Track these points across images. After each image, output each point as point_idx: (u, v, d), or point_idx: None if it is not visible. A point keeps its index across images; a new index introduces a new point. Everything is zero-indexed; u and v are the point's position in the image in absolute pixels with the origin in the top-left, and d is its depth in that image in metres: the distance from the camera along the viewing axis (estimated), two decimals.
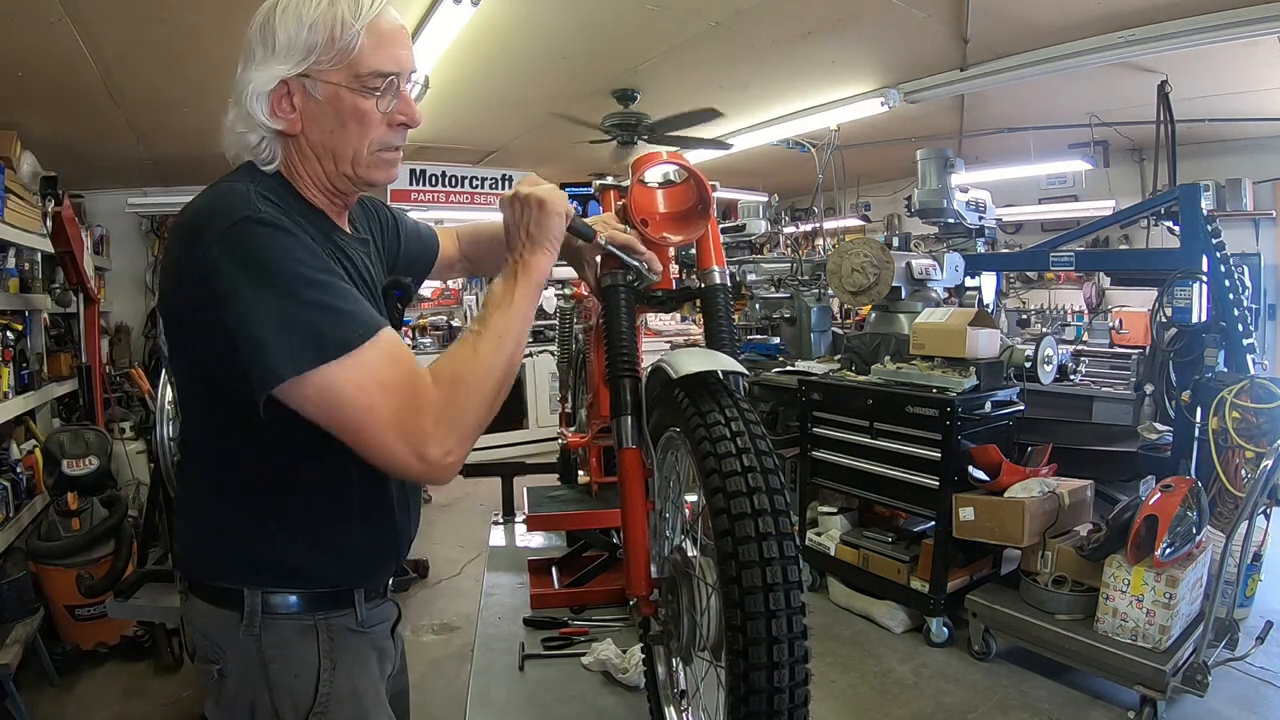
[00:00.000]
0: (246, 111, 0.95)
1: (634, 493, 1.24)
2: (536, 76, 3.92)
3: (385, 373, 0.86)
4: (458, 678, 2.66)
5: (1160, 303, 3.14)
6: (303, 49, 0.93)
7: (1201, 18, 2.98)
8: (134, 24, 2.88)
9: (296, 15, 0.93)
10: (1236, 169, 5.07)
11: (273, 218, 0.88)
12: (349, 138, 0.98)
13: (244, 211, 0.87)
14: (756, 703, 0.86)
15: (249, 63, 0.95)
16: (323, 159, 0.99)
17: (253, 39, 0.95)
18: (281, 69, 0.93)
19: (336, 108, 0.96)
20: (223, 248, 0.84)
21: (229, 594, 0.98)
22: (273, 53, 0.94)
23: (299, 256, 0.87)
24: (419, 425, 0.85)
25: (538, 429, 6.86)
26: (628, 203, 1.27)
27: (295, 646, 0.99)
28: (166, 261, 0.94)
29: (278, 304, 0.83)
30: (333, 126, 0.97)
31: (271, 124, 0.96)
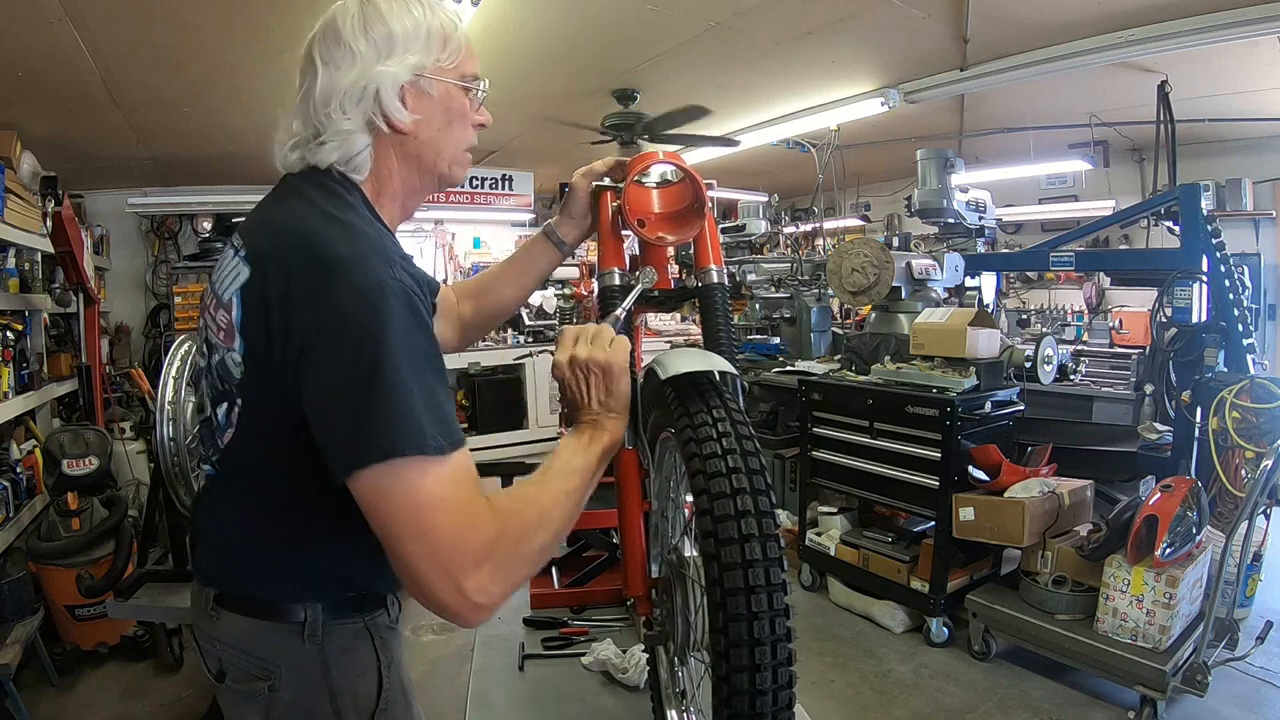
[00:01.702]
0: (375, 106, 0.92)
1: (630, 493, 1.24)
2: (536, 76, 3.92)
3: (451, 496, 0.80)
4: (458, 678, 2.66)
5: (1160, 303, 3.14)
6: (422, 46, 0.93)
7: (1201, 18, 2.98)
8: (134, 24, 2.88)
9: (405, 12, 0.92)
10: (1236, 169, 5.07)
11: (408, 287, 0.83)
12: (452, 136, 0.99)
13: (383, 274, 0.82)
14: (739, 704, 0.86)
15: (354, 58, 0.91)
16: (423, 158, 0.98)
17: (350, 32, 0.91)
18: (413, 61, 0.92)
19: (447, 106, 0.97)
20: (357, 305, 0.79)
21: (285, 608, 0.95)
22: (393, 46, 0.92)
23: (419, 344, 0.82)
24: (464, 558, 0.79)
25: (538, 429, 6.86)
26: (624, 203, 1.27)
27: (356, 650, 0.99)
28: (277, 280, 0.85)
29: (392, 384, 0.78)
30: (441, 125, 0.97)
31: (403, 117, 0.93)
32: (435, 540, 0.78)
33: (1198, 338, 2.97)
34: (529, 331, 7.35)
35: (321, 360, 0.80)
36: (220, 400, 0.94)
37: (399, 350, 0.79)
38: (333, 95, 0.91)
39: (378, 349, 0.78)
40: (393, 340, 0.79)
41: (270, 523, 0.96)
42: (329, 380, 0.80)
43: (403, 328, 0.80)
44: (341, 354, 0.79)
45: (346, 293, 0.80)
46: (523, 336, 7.34)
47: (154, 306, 6.25)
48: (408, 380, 0.79)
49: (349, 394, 0.79)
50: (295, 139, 0.95)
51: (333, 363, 0.79)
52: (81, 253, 3.62)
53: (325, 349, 0.80)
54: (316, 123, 0.93)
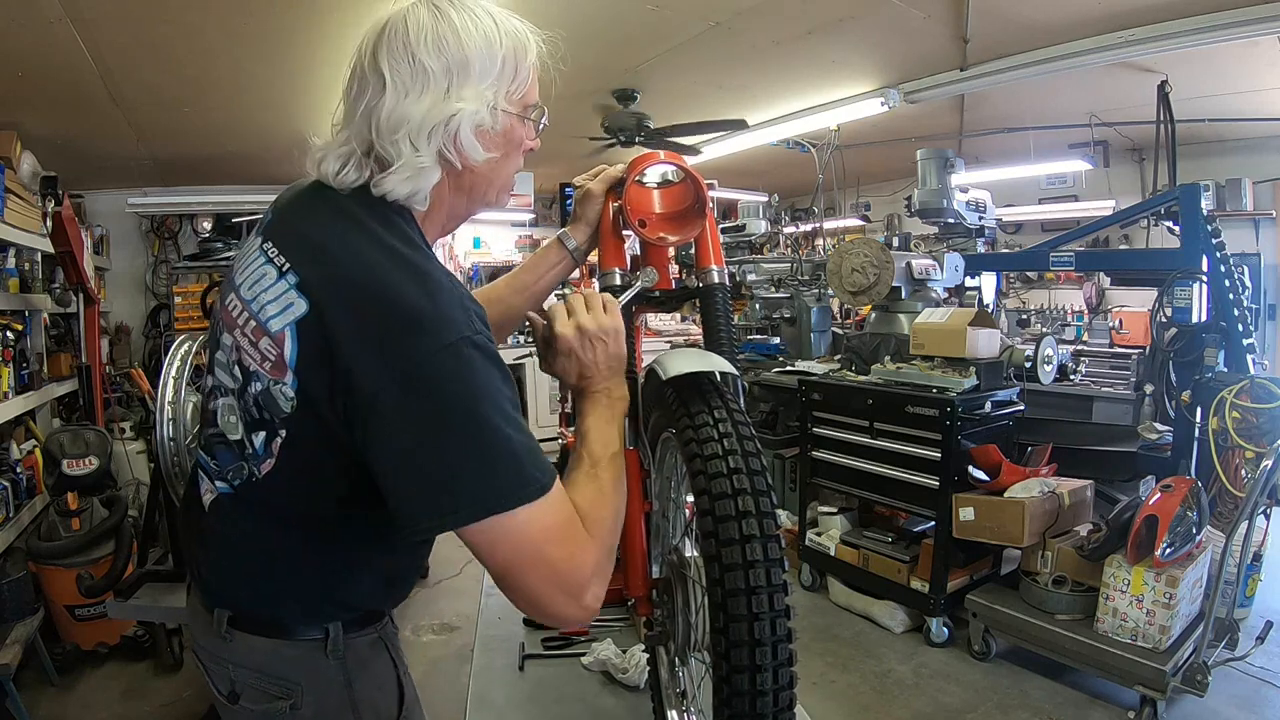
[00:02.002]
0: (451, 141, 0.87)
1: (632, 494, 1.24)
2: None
3: (556, 523, 0.82)
4: (458, 678, 2.65)
5: (1160, 303, 3.14)
6: (499, 70, 0.88)
7: (1201, 18, 2.98)
8: (134, 24, 2.87)
9: (482, 35, 0.87)
10: (1236, 169, 5.07)
11: (485, 340, 0.81)
12: (508, 167, 0.95)
13: (464, 330, 0.79)
14: (739, 705, 0.86)
15: (426, 85, 0.85)
16: (476, 189, 0.95)
17: (419, 53, 0.84)
18: (489, 97, 0.88)
19: (508, 138, 0.93)
20: (446, 364, 0.77)
21: (302, 627, 0.94)
22: (467, 74, 0.86)
23: (504, 390, 0.81)
24: (581, 576, 0.82)
25: (538, 429, 6.85)
26: (624, 203, 1.27)
27: (374, 661, 0.99)
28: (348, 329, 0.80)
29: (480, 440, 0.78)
30: (499, 159, 0.93)
31: (478, 155, 0.88)
32: (554, 569, 0.81)
33: (1198, 338, 2.97)
34: (529, 332, 7.35)
35: (408, 418, 0.77)
36: (258, 429, 0.88)
37: (491, 403, 0.79)
38: (403, 123, 0.85)
39: (476, 405, 0.78)
40: (486, 393, 0.79)
41: (295, 549, 0.93)
42: (411, 438, 0.77)
43: (488, 378, 0.80)
44: (436, 412, 0.77)
45: (433, 350, 0.77)
46: (523, 336, 7.34)
47: (154, 306, 6.25)
48: (505, 429, 0.79)
49: (450, 452, 0.77)
50: (348, 153, 0.88)
51: (426, 420, 0.77)
52: (81, 253, 3.62)
53: (414, 407, 0.77)
54: (380, 147, 0.86)
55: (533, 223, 7.85)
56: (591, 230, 1.33)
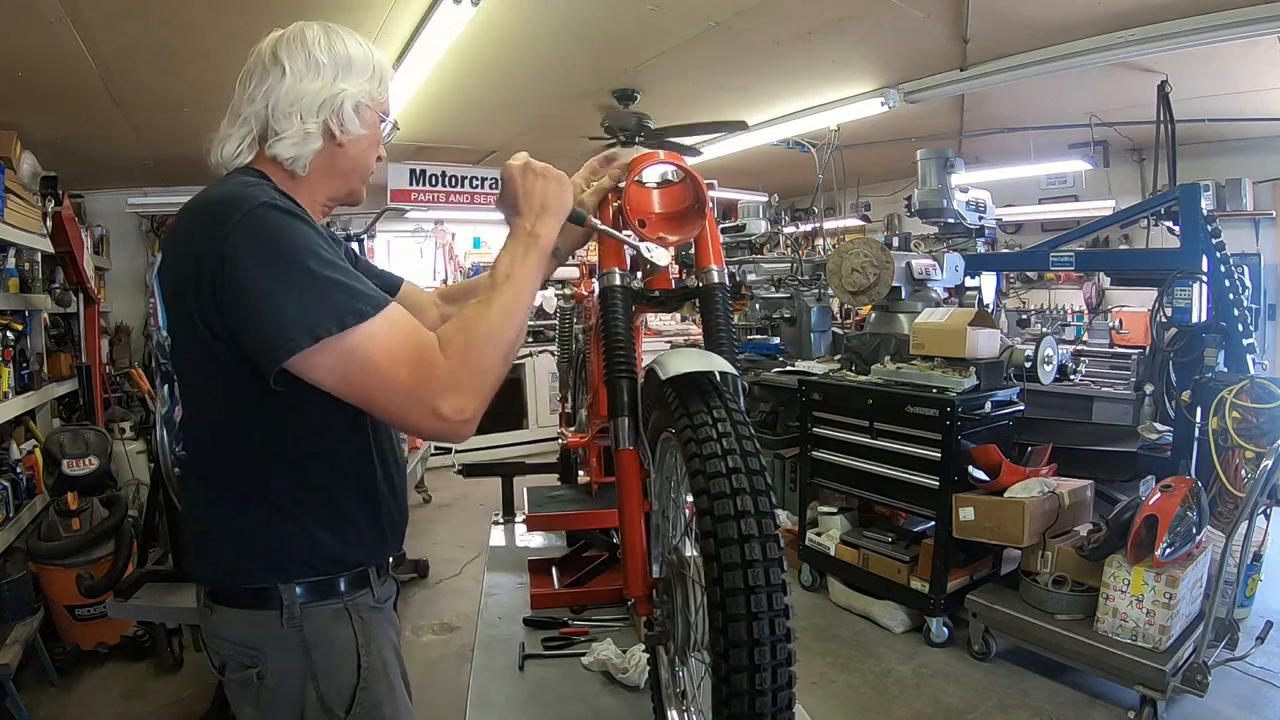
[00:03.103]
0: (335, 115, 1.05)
1: (631, 494, 1.24)
2: (536, 76, 3.92)
3: (398, 341, 0.91)
4: (458, 678, 2.65)
5: (1160, 303, 3.14)
6: (371, 74, 1.08)
7: (1201, 18, 2.98)
8: (134, 24, 2.87)
9: (360, 46, 1.08)
10: (1236, 169, 5.06)
11: (288, 205, 0.95)
12: (369, 159, 1.13)
13: (262, 199, 0.93)
14: (738, 705, 0.86)
15: (317, 72, 1.04)
16: (349, 174, 1.12)
17: (314, 50, 1.04)
18: (365, 85, 1.07)
19: (372, 131, 1.11)
20: (245, 230, 0.90)
21: (263, 594, 1.02)
22: (350, 69, 1.06)
23: (314, 238, 0.94)
24: (431, 388, 0.90)
25: (538, 429, 6.86)
26: (624, 203, 1.27)
27: (333, 630, 1.04)
28: (181, 250, 0.96)
29: (297, 279, 0.89)
30: (366, 145, 1.11)
31: (356, 130, 1.07)
32: (400, 384, 0.90)
33: (1198, 338, 2.97)
34: (529, 331, 7.35)
35: (240, 277, 0.89)
36: (165, 382, 1.07)
37: (300, 247, 0.91)
38: (298, 100, 1.03)
39: (287, 249, 0.91)
40: (293, 240, 0.91)
41: (231, 506, 1.02)
42: (255, 288, 0.89)
43: (292, 229, 0.92)
44: (257, 264, 0.89)
45: (240, 217, 0.91)
46: None
47: (151, 305, 6.25)
48: (318, 267, 0.90)
49: (279, 293, 0.88)
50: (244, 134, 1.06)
51: (252, 275, 0.89)
52: (81, 253, 3.62)
53: (241, 266, 0.89)
54: (274, 123, 1.03)
55: None
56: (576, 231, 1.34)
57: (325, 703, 1.02)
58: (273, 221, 0.92)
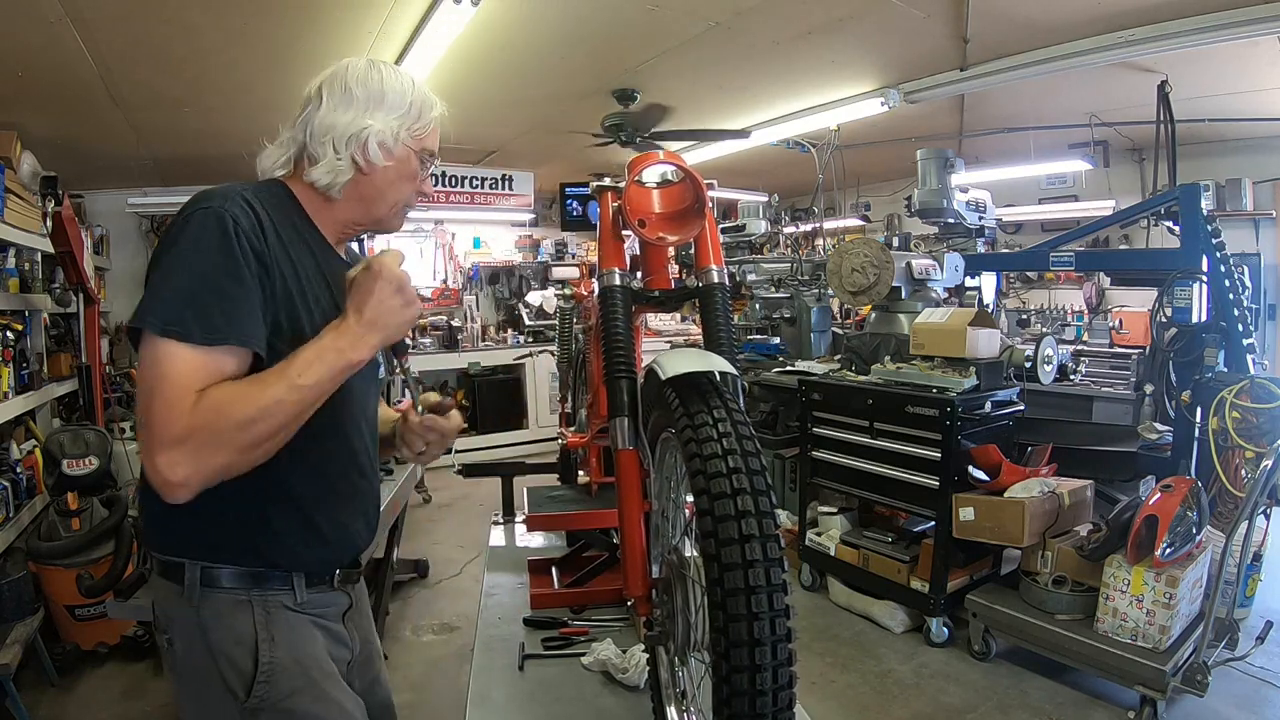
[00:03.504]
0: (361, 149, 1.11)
1: (630, 494, 1.24)
2: (536, 76, 3.92)
3: (182, 376, 0.91)
4: (458, 678, 2.66)
5: (1160, 303, 3.14)
6: (405, 111, 1.14)
7: (1201, 18, 2.98)
8: (134, 24, 2.88)
9: (398, 83, 1.14)
10: (1236, 169, 5.06)
11: (227, 214, 0.99)
12: (400, 190, 1.18)
13: (209, 203, 0.99)
14: (739, 704, 0.86)
15: (350, 104, 1.11)
16: (372, 201, 1.17)
17: (353, 83, 1.12)
18: (395, 123, 1.13)
19: (403, 165, 1.16)
20: (178, 223, 0.98)
21: (173, 567, 1.07)
22: (381, 105, 1.12)
23: (220, 258, 0.97)
24: (161, 432, 0.89)
25: (538, 429, 6.86)
26: (624, 203, 1.27)
27: (231, 618, 1.07)
28: None
29: (174, 274, 0.95)
30: (394, 178, 1.16)
31: (379, 164, 1.12)
32: (148, 414, 0.91)
33: (1198, 338, 2.97)
34: (529, 331, 7.36)
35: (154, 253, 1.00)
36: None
37: (188, 251, 0.96)
38: (330, 129, 1.10)
39: (174, 245, 0.97)
40: (187, 242, 0.97)
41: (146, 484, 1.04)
42: (152, 266, 0.98)
43: (203, 235, 0.97)
44: (163, 250, 0.98)
45: (181, 214, 0.99)
46: (523, 336, 7.35)
47: None
48: (185, 276, 0.95)
49: (159, 277, 0.96)
50: (282, 153, 1.15)
51: (157, 255, 0.99)
52: (81, 253, 3.62)
53: (159, 246, 1.00)
54: (311, 148, 1.11)
55: (533, 223, 7.84)
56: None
57: (228, 684, 1.05)
58: (199, 225, 0.97)
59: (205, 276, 0.95)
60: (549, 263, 7.81)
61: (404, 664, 3.03)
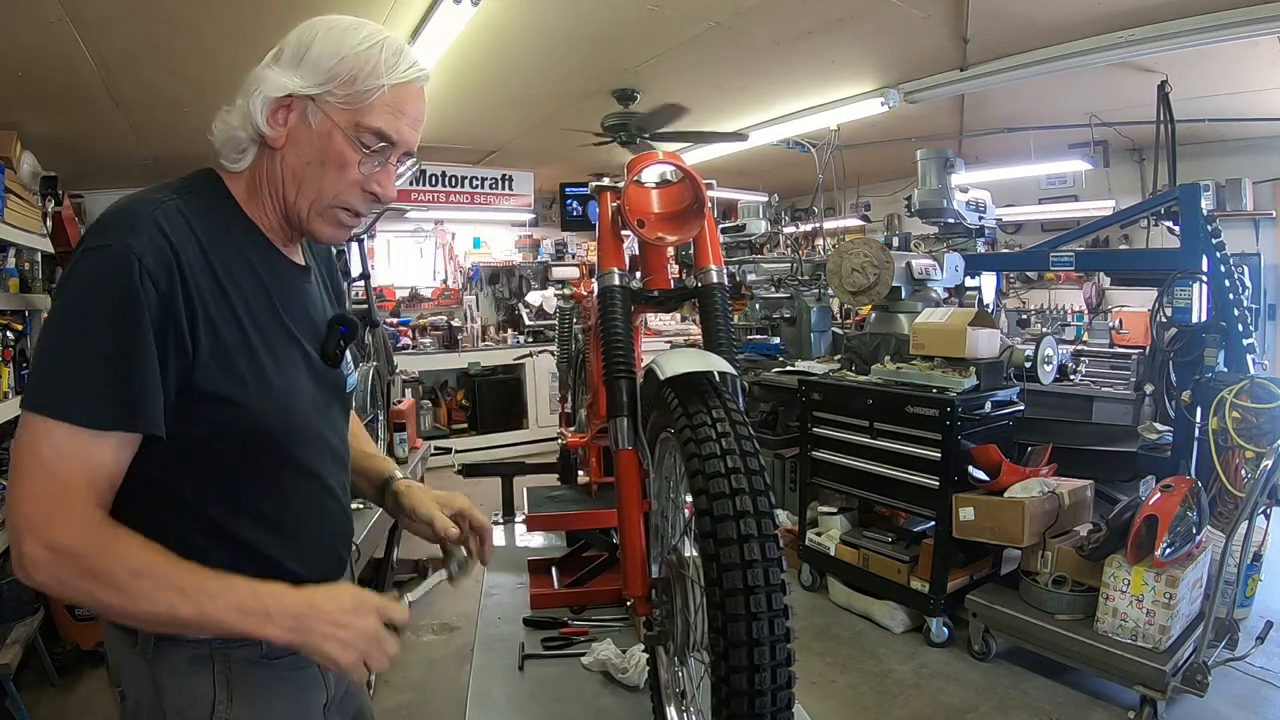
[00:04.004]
0: (246, 108, 0.92)
1: (630, 494, 1.24)
2: (536, 76, 3.92)
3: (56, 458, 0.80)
4: (458, 678, 2.65)
5: (1160, 303, 3.14)
6: (323, 73, 0.92)
7: (1201, 18, 2.98)
8: (134, 24, 2.88)
9: (338, 40, 0.93)
10: (1236, 169, 5.06)
11: (130, 257, 0.82)
12: (320, 178, 0.95)
13: (108, 239, 0.83)
14: (738, 704, 0.86)
15: (275, 60, 0.94)
16: (287, 185, 0.96)
17: (288, 40, 0.95)
18: (295, 82, 0.92)
19: (324, 144, 0.93)
20: (77, 261, 0.84)
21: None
22: (298, 63, 0.93)
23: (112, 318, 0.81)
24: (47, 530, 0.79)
25: (538, 429, 6.86)
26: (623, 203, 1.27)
27: (188, 676, 0.93)
28: None
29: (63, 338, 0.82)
30: (310, 159, 0.94)
31: (263, 128, 0.92)
32: (21, 496, 0.80)
33: (1198, 338, 2.97)
34: (529, 331, 7.36)
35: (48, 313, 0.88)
36: None
37: (75, 314, 0.82)
38: (248, 84, 0.94)
39: (62, 300, 0.83)
40: (75, 300, 0.82)
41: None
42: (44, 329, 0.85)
43: (93, 292, 0.82)
44: (55, 310, 0.84)
45: (79, 249, 0.84)
46: (523, 337, 7.35)
47: None
48: (69, 345, 0.81)
49: (41, 334, 0.86)
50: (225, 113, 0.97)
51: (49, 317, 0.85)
52: None
53: (52, 302, 0.87)
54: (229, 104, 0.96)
55: (533, 223, 7.84)
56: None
57: None
58: (90, 276, 0.82)
59: (93, 346, 0.81)
60: (549, 263, 7.82)
61: (404, 664, 3.02)
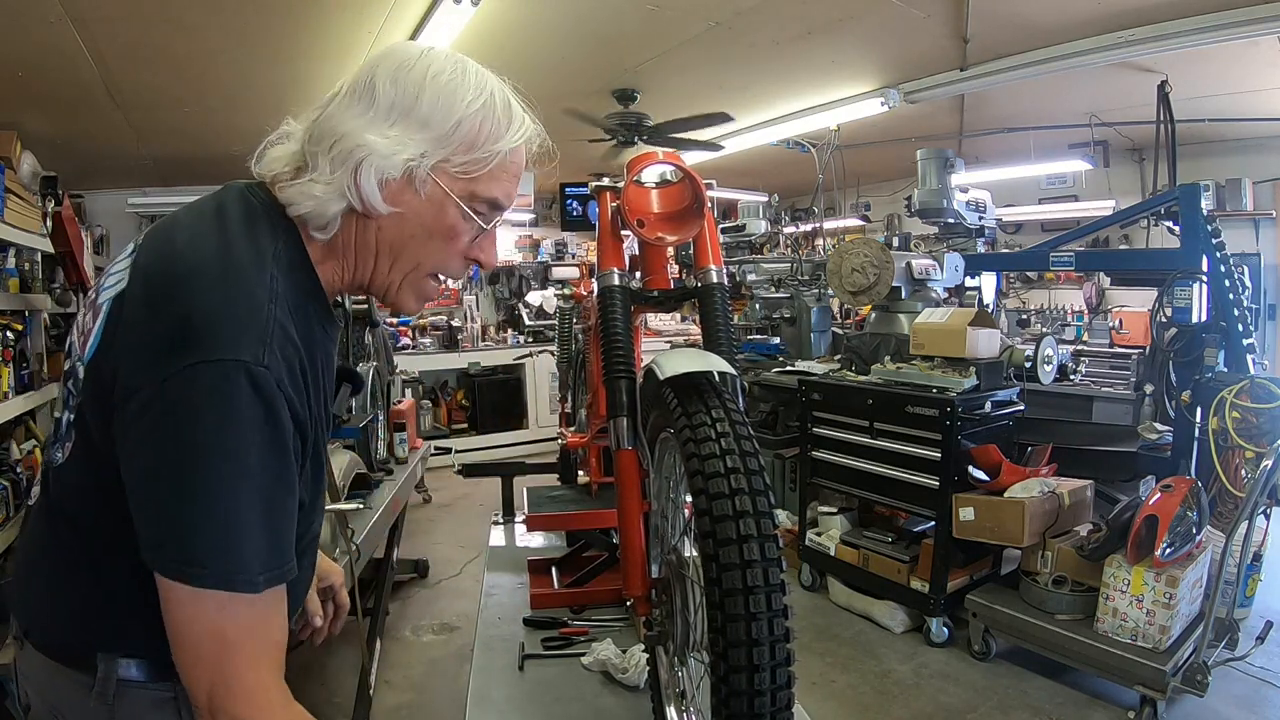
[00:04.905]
0: (351, 177, 0.77)
1: (630, 494, 1.24)
2: (536, 76, 3.89)
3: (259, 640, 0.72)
4: (458, 678, 2.65)
5: (1160, 303, 3.14)
6: (442, 138, 0.79)
7: (1201, 18, 2.98)
8: (134, 24, 2.88)
9: (449, 95, 0.79)
10: (1236, 169, 5.06)
11: (269, 377, 0.70)
12: (423, 249, 0.84)
13: (248, 352, 0.69)
14: (737, 705, 0.86)
15: (368, 109, 0.78)
16: (380, 256, 0.83)
17: (381, 79, 0.79)
18: (412, 149, 0.78)
19: (435, 216, 0.82)
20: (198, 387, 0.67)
21: (78, 655, 0.82)
22: (407, 118, 0.78)
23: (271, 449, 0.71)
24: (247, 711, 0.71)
25: (538, 429, 6.86)
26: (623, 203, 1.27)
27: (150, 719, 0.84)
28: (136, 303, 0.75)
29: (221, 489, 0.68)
30: (415, 232, 0.82)
31: (376, 204, 0.78)
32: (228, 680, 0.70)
33: (1198, 338, 2.97)
34: (529, 331, 7.36)
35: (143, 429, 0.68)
36: (65, 407, 0.84)
37: (236, 453, 0.68)
38: (330, 135, 0.78)
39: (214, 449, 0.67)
40: (237, 437, 0.68)
41: (80, 564, 0.82)
42: (145, 460, 0.69)
43: (247, 421, 0.68)
44: (165, 434, 0.67)
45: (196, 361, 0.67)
46: (523, 336, 7.35)
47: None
48: (235, 496, 0.68)
49: (164, 487, 0.68)
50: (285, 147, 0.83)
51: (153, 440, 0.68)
52: (81, 253, 3.62)
53: (150, 418, 0.68)
54: (308, 152, 0.80)
55: (533, 223, 7.84)
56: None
57: None
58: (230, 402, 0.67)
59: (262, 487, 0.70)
60: (549, 263, 7.82)
61: (404, 664, 3.03)
